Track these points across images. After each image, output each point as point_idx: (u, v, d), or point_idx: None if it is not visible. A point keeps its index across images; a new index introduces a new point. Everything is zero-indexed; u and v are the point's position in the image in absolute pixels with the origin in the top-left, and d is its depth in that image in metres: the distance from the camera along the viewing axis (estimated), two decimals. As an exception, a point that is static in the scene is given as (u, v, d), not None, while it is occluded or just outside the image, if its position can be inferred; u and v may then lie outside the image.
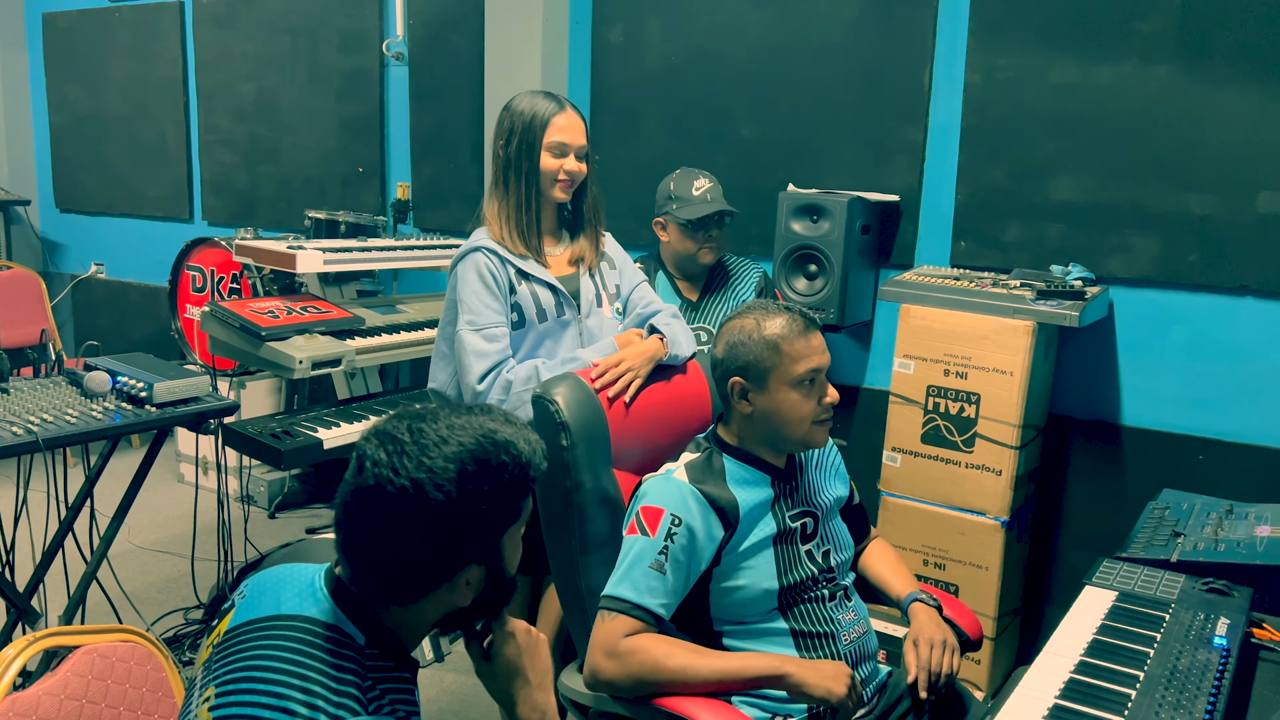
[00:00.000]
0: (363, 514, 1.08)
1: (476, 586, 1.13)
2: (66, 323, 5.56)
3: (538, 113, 2.12)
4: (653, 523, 1.65)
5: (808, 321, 1.73)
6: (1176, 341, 2.84)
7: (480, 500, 1.07)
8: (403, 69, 4.25)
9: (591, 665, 1.63)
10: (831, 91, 3.28)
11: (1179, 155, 2.76)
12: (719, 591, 1.70)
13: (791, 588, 1.71)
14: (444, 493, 1.05)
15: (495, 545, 1.12)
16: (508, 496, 1.10)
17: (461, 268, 2.10)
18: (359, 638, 1.10)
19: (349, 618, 1.11)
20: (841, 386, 3.35)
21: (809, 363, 1.69)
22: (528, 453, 1.11)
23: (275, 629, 1.09)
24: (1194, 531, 2.05)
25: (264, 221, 4.67)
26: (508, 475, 1.09)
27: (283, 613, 1.11)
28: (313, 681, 1.04)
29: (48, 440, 2.18)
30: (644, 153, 3.66)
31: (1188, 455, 2.83)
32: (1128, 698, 1.41)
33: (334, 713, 1.03)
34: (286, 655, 1.06)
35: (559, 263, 2.19)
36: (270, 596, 1.14)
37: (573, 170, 2.14)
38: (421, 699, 2.96)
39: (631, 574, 1.63)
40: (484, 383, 2.01)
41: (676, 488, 1.69)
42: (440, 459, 1.05)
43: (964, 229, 3.10)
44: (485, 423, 1.10)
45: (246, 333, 2.75)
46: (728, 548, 1.69)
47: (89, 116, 5.34)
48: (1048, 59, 2.91)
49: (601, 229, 2.27)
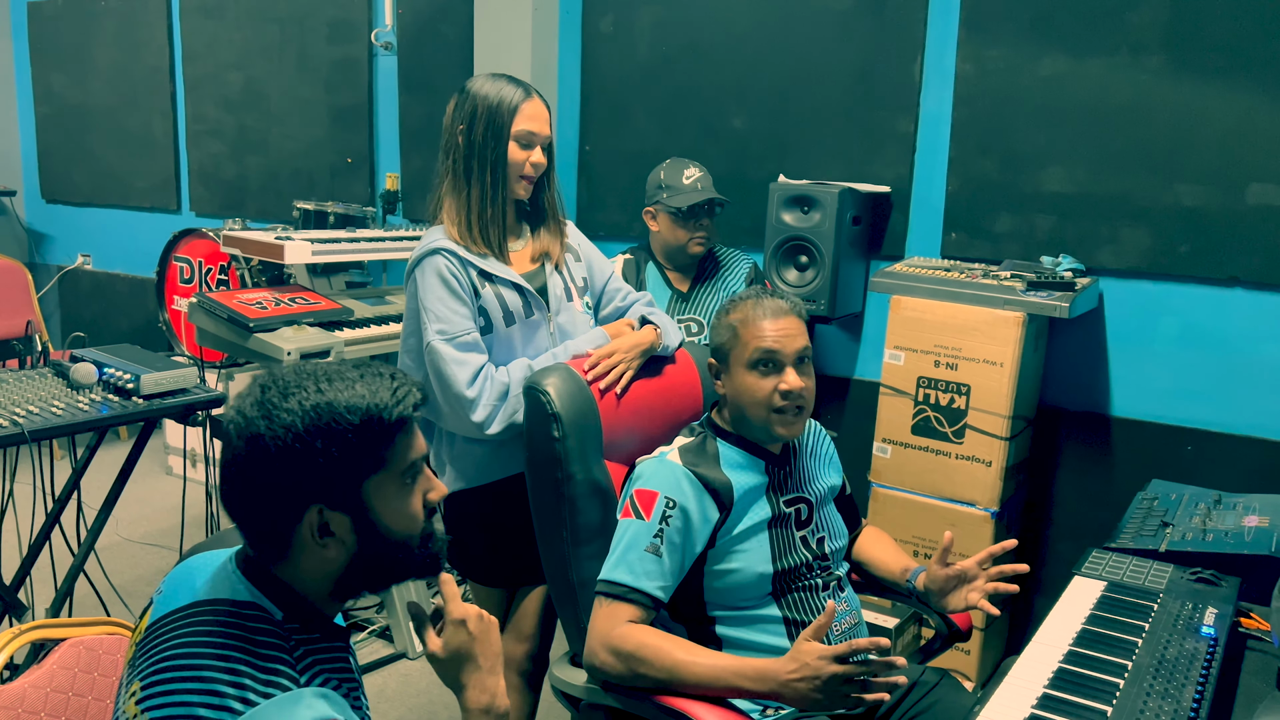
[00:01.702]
0: (225, 460, 1.12)
1: (348, 542, 1.12)
2: (53, 314, 5.52)
3: (504, 98, 1.95)
4: (647, 506, 1.65)
5: (781, 307, 1.73)
6: (1166, 333, 2.85)
7: (314, 448, 1.08)
8: (391, 59, 4.23)
9: (589, 654, 1.63)
10: (822, 82, 3.27)
11: (1169, 146, 2.77)
12: (713, 575, 1.70)
13: (786, 573, 1.71)
14: (278, 440, 1.07)
15: (355, 493, 1.11)
16: (354, 446, 1.09)
17: (420, 273, 1.93)
18: (276, 613, 1.10)
19: (263, 593, 1.11)
20: (832, 378, 3.36)
21: (761, 343, 1.70)
22: (375, 404, 1.10)
23: (193, 617, 1.09)
24: (1182, 522, 2.05)
25: (252, 212, 4.65)
26: (351, 428, 1.09)
27: (199, 599, 1.11)
28: (238, 662, 1.04)
29: (34, 432, 2.17)
30: (634, 143, 3.64)
31: (1177, 446, 2.84)
32: (1116, 687, 1.41)
33: (264, 690, 1.03)
34: (207, 640, 1.06)
35: (521, 259, 2.05)
36: (186, 586, 1.14)
37: (538, 163, 1.99)
38: (412, 691, 2.95)
39: (627, 558, 1.63)
40: (473, 389, 1.88)
41: (670, 470, 1.69)
42: (283, 412, 1.08)
43: (954, 220, 3.10)
44: (329, 388, 1.10)
45: (234, 324, 2.73)
46: (723, 530, 1.68)
47: (75, 106, 5.30)
48: (1039, 50, 2.91)
49: (564, 220, 2.13)
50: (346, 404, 1.09)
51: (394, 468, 1.13)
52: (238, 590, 1.11)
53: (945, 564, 1.74)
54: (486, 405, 1.89)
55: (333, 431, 1.08)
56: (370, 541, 1.13)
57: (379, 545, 1.13)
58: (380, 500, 1.12)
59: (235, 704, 1.01)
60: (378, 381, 1.12)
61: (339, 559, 1.12)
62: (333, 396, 1.09)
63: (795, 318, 1.74)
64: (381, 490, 1.12)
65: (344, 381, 1.11)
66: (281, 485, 1.08)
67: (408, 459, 1.14)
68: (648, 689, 1.58)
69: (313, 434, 1.07)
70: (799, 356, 1.72)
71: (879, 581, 1.93)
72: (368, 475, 1.11)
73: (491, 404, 1.90)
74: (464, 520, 2.08)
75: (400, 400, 1.12)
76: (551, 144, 2.05)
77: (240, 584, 1.12)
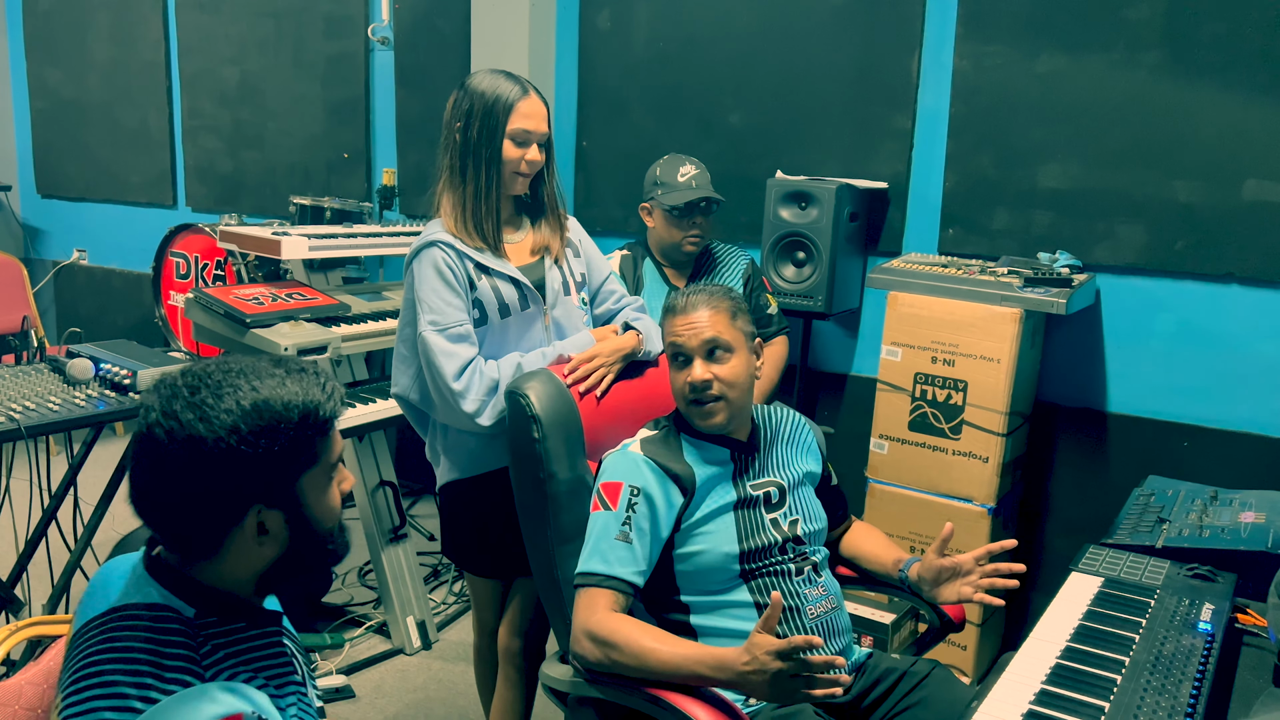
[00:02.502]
0: (146, 465, 1.10)
1: (281, 537, 1.13)
2: (48, 309, 5.51)
3: (500, 96, 1.96)
4: (613, 496, 1.70)
5: (692, 301, 1.75)
6: (1162, 329, 2.85)
7: (258, 448, 1.08)
8: (388, 54, 4.22)
9: (573, 642, 1.66)
10: (820, 78, 3.27)
11: (1166, 143, 2.77)
12: (681, 559, 1.72)
13: (753, 553, 1.72)
14: (220, 443, 1.06)
15: (290, 489, 1.12)
16: (293, 443, 1.10)
17: (418, 265, 1.95)
18: (187, 610, 1.10)
19: (173, 593, 1.11)
20: (829, 374, 3.36)
21: (670, 338, 1.77)
22: (310, 401, 1.11)
23: (104, 626, 1.09)
24: (1179, 518, 2.06)
25: (248, 207, 4.64)
26: (285, 427, 1.09)
27: (112, 606, 1.11)
28: (142, 664, 1.04)
29: (30, 428, 2.16)
30: (631, 140, 3.64)
31: (1173, 442, 2.85)
32: (1113, 683, 1.42)
33: (165, 689, 1.03)
34: (115, 646, 1.06)
35: (519, 252, 2.07)
36: (101, 595, 1.14)
37: (534, 161, 2.00)
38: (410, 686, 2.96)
39: (600, 548, 1.67)
40: (460, 381, 1.89)
41: (632, 460, 1.73)
42: (222, 413, 1.07)
43: (952, 216, 3.10)
44: (262, 385, 1.10)
45: (231, 320, 2.72)
46: (686, 514, 1.72)
47: (70, 101, 5.28)
48: (1036, 46, 2.91)
49: (564, 215, 2.14)
50: (285, 401, 1.10)
51: (324, 462, 1.15)
52: (148, 594, 1.11)
53: (942, 555, 1.74)
54: (475, 398, 1.91)
55: (274, 430, 1.08)
56: (301, 535, 1.14)
57: (308, 539, 1.15)
58: (312, 495, 1.14)
59: (138, 704, 1.02)
60: (307, 378, 1.14)
61: (270, 555, 1.14)
62: (269, 394, 1.09)
63: (707, 310, 1.74)
64: (313, 485, 1.14)
65: (274, 379, 1.11)
66: (222, 487, 1.08)
67: (335, 454, 1.17)
68: (625, 677, 1.59)
69: (256, 433, 1.07)
70: (708, 349, 1.73)
71: (871, 575, 1.94)
72: (303, 471, 1.13)
73: (480, 397, 1.91)
74: (458, 510, 2.11)
75: (330, 396, 1.15)
76: (549, 141, 2.05)
77: (150, 586, 1.12)
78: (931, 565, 1.75)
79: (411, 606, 3.10)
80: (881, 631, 2.72)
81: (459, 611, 3.34)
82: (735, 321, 1.76)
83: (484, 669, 2.30)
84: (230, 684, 1.06)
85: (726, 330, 1.74)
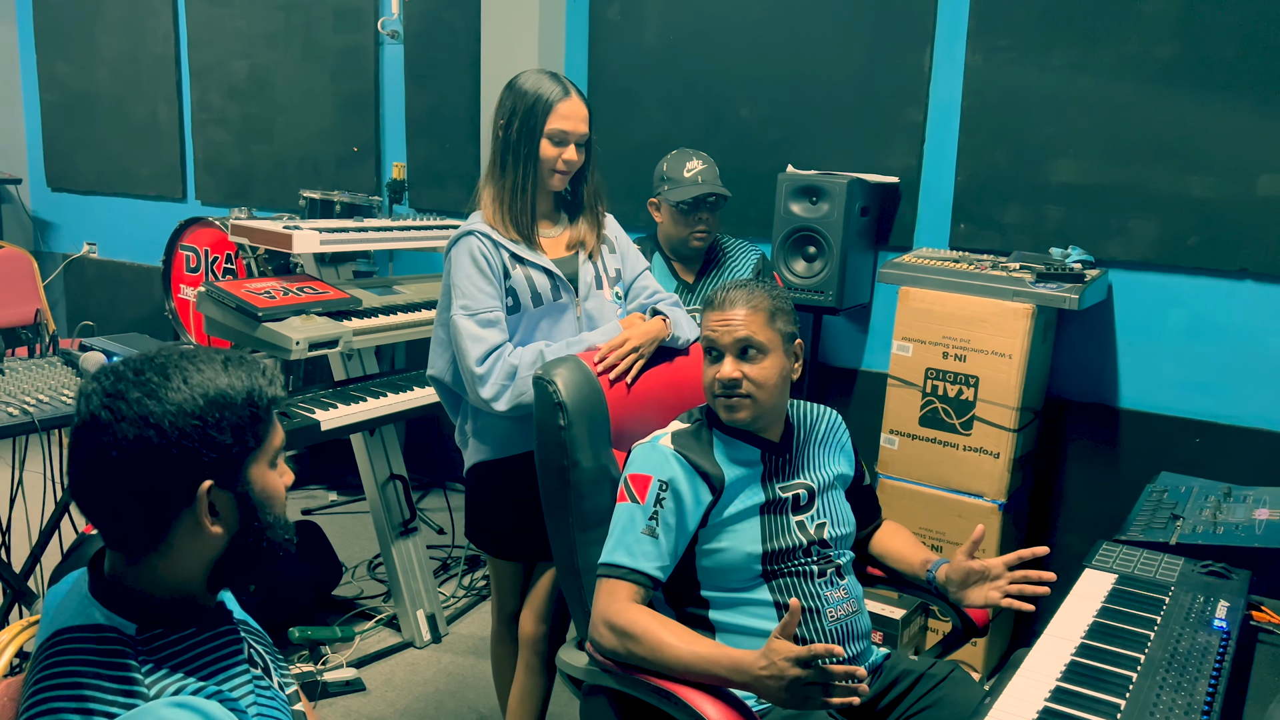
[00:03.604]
0: (89, 450, 1.09)
1: (230, 521, 1.13)
2: (58, 302, 5.53)
3: (541, 96, 2.04)
4: (641, 489, 1.70)
5: (732, 299, 1.75)
6: (1175, 324, 2.84)
7: (207, 424, 1.09)
8: (398, 47, 4.22)
9: (592, 629, 1.67)
10: (831, 72, 3.26)
11: (1179, 137, 2.76)
12: (703, 554, 1.72)
13: (776, 554, 1.72)
14: (170, 419, 1.07)
15: (238, 471, 1.12)
16: (240, 424, 1.11)
17: (455, 253, 2.04)
18: (129, 628, 1.10)
19: (115, 612, 1.11)
20: (839, 369, 3.36)
21: (705, 332, 1.78)
22: (252, 385, 1.13)
23: (50, 650, 1.08)
24: (1193, 514, 2.05)
25: (258, 201, 4.64)
26: (231, 408, 1.10)
27: (55, 629, 1.11)
28: (85, 688, 1.04)
29: (44, 421, 2.17)
30: (641, 133, 3.63)
31: (1186, 438, 2.84)
32: (1129, 680, 1.41)
33: (108, 711, 1.03)
34: (58, 672, 1.06)
35: (556, 245, 2.14)
36: (49, 616, 1.15)
37: (570, 160, 2.07)
38: (419, 680, 2.96)
39: (625, 540, 1.68)
40: (483, 366, 1.97)
41: (662, 454, 1.73)
42: (173, 391, 1.08)
43: (963, 211, 3.09)
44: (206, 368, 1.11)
45: (243, 313, 2.73)
46: (714, 511, 1.72)
47: (80, 94, 5.29)
48: (1049, 40, 2.89)
49: (603, 212, 2.22)
50: (229, 384, 1.11)
51: (267, 447, 1.16)
52: (90, 615, 1.11)
53: (972, 557, 1.74)
54: (495, 384, 1.97)
55: (223, 409, 1.10)
56: (248, 522, 1.14)
57: (254, 526, 1.15)
58: (257, 478, 1.15)
59: None
60: (245, 365, 1.15)
61: (219, 543, 1.13)
62: (213, 376, 1.11)
63: (745, 309, 1.74)
64: (258, 470, 1.15)
65: (215, 363, 1.13)
66: (175, 466, 1.08)
67: (276, 440, 1.18)
68: (641, 669, 1.60)
69: (205, 411, 1.08)
70: (740, 347, 1.73)
71: (898, 575, 1.93)
72: (249, 454, 1.13)
73: (500, 383, 1.97)
74: (483, 492, 2.14)
75: (271, 381, 1.16)
76: (589, 141, 2.11)
77: (91, 607, 1.11)
78: (960, 567, 1.74)
79: (421, 600, 3.11)
80: (892, 628, 2.72)
81: (468, 605, 3.34)
82: (774, 322, 1.75)
83: (501, 654, 2.31)
84: (177, 699, 1.06)
85: (762, 331, 1.74)
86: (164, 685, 1.07)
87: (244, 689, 1.15)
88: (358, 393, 2.86)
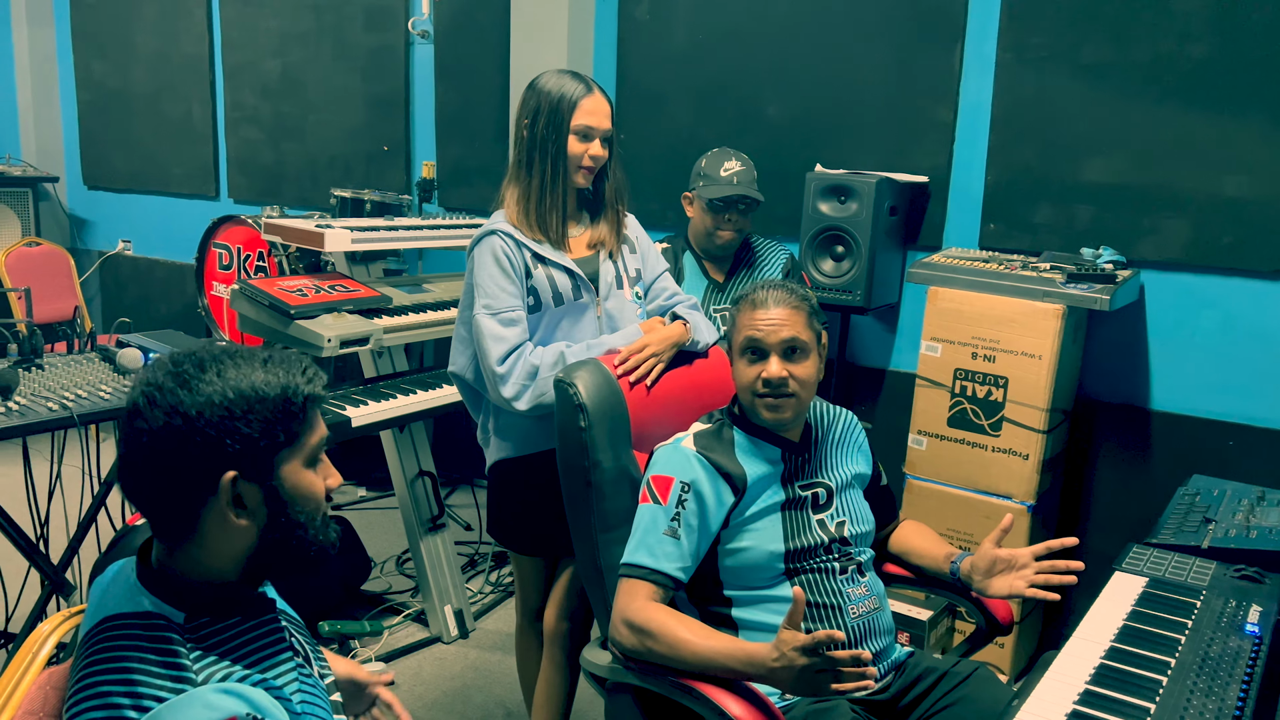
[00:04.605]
0: (129, 437, 1.13)
1: (259, 515, 1.15)
2: (94, 299, 5.61)
3: (565, 94, 2.06)
4: (663, 491, 1.71)
5: (776, 298, 1.75)
6: (1208, 325, 2.81)
7: (235, 417, 1.11)
8: (428, 47, 4.24)
9: (612, 628, 1.68)
10: (860, 70, 3.25)
11: (1213, 136, 2.72)
12: (725, 553, 1.73)
13: (798, 553, 1.73)
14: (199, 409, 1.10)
15: (267, 465, 1.14)
16: (271, 419, 1.13)
17: (478, 252, 2.06)
18: (177, 616, 1.12)
19: (164, 600, 1.13)
20: (867, 369, 3.35)
21: (748, 332, 1.76)
22: (289, 383, 1.15)
23: (99, 636, 1.11)
24: (1225, 518, 2.03)
25: (289, 199, 4.69)
26: (263, 403, 1.13)
27: (105, 615, 1.13)
28: (134, 673, 1.06)
29: (82, 416, 2.21)
30: (669, 133, 3.64)
31: (1218, 441, 2.81)
32: (1159, 684, 1.41)
33: (157, 695, 1.05)
34: (107, 657, 1.08)
35: (577, 245, 2.15)
36: (96, 602, 1.17)
37: (597, 155, 2.09)
38: (447, 674, 2.98)
39: (647, 541, 1.69)
40: (504, 365, 1.98)
41: (684, 456, 1.74)
42: (204, 383, 1.11)
43: (993, 210, 3.07)
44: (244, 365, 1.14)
45: (275, 311, 2.76)
46: (736, 512, 1.73)
47: (116, 93, 5.37)
48: (1081, 37, 2.87)
49: (624, 212, 2.22)
50: (264, 380, 1.14)
51: (302, 446, 1.17)
52: (139, 602, 1.13)
53: (999, 546, 1.73)
54: (515, 383, 1.99)
55: (252, 403, 1.12)
56: (277, 517, 1.16)
57: (286, 520, 1.17)
58: (289, 474, 1.16)
59: (131, 713, 1.04)
60: (287, 363, 1.17)
61: (250, 535, 1.15)
62: (249, 372, 1.13)
63: (788, 309, 1.75)
64: (291, 465, 1.16)
65: (255, 360, 1.16)
66: (198, 453, 1.11)
67: (314, 439, 1.19)
68: (660, 665, 1.61)
69: (233, 403, 1.11)
70: (786, 347, 1.73)
71: (921, 571, 1.93)
72: (280, 450, 1.15)
73: (521, 382, 1.99)
74: (506, 489, 2.16)
75: (310, 380, 1.17)
76: (612, 137, 2.12)
77: (140, 594, 1.14)
78: (987, 554, 1.74)
79: (449, 595, 3.13)
80: (919, 629, 2.71)
81: (495, 601, 3.37)
82: (811, 323, 1.77)
83: (526, 650, 2.33)
84: (224, 685, 1.08)
85: (804, 331, 1.75)
86: (211, 671, 1.09)
87: (289, 676, 1.18)
88: (388, 390, 2.88)
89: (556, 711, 2.24)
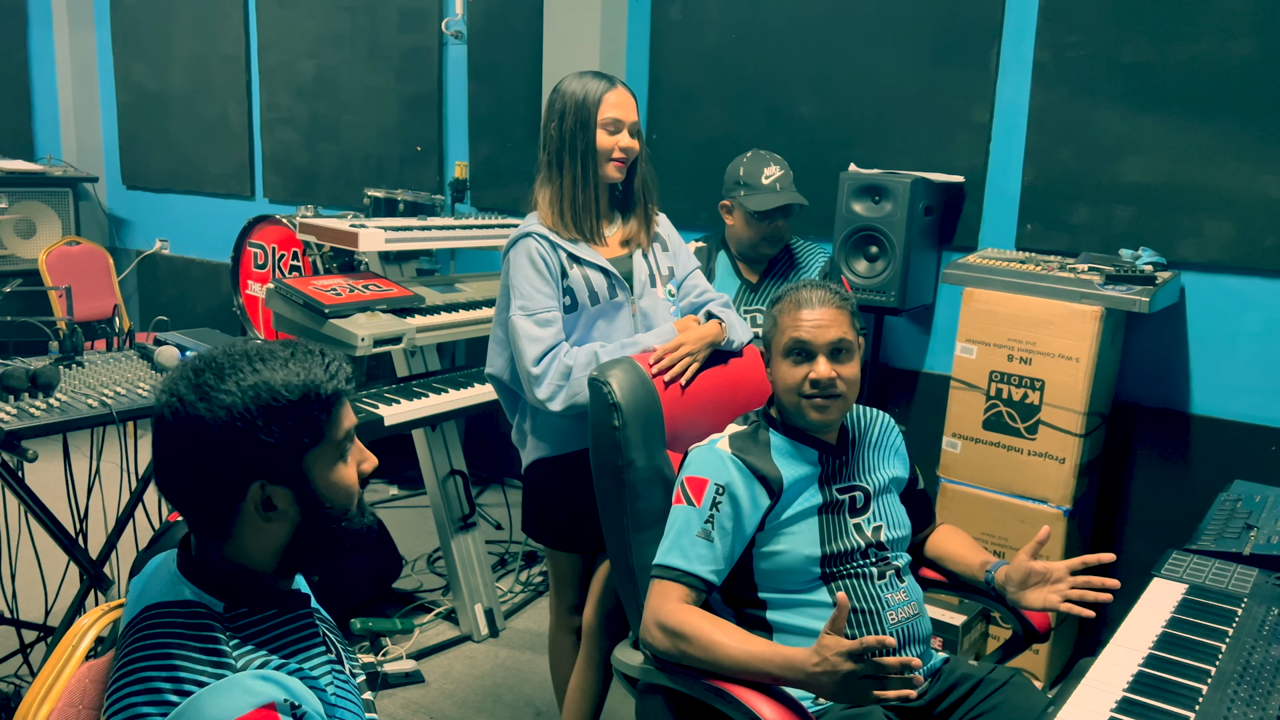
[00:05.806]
0: (160, 444, 1.14)
1: (291, 514, 1.16)
2: (132, 297, 5.69)
3: (589, 91, 2.08)
4: (698, 492, 1.70)
5: (820, 298, 1.74)
6: (1251, 329, 2.76)
7: (257, 425, 1.11)
8: (461, 47, 4.27)
9: (643, 629, 1.68)
10: (895, 70, 3.22)
11: (1256, 135, 2.68)
12: (761, 556, 1.72)
13: (835, 557, 1.71)
14: (219, 422, 1.10)
15: (295, 466, 1.14)
16: (294, 421, 1.13)
17: (513, 254, 2.07)
18: (217, 605, 1.14)
19: (204, 590, 1.15)
20: (901, 370, 3.32)
21: (793, 333, 1.74)
22: (310, 380, 1.14)
23: (141, 624, 1.13)
24: (1267, 524, 1.99)
25: (323, 199, 4.73)
26: (285, 406, 1.12)
27: (147, 604, 1.15)
28: (175, 659, 1.08)
29: (121, 413, 2.24)
30: (702, 132, 3.63)
31: (1260, 446, 2.76)
32: (1199, 692, 1.38)
33: (198, 679, 1.07)
34: (149, 643, 1.10)
35: (612, 243, 2.16)
36: (137, 594, 1.19)
37: (627, 146, 2.10)
38: (477, 673, 2.99)
39: (680, 543, 1.68)
40: (539, 366, 2.00)
41: (719, 457, 1.73)
42: (222, 393, 1.11)
43: (1030, 211, 3.04)
44: (264, 367, 1.14)
45: (310, 310, 2.78)
46: (771, 515, 1.71)
47: (155, 95, 5.45)
48: (1120, 36, 2.83)
49: (654, 208, 2.23)
50: (284, 382, 1.13)
51: (330, 440, 1.17)
52: (180, 592, 1.15)
53: (1035, 558, 1.71)
54: (550, 384, 2.00)
55: (273, 409, 1.12)
56: (312, 512, 1.17)
57: (320, 516, 1.17)
58: (319, 472, 1.17)
59: (173, 698, 1.06)
60: (310, 359, 1.17)
61: (283, 532, 1.17)
62: (269, 375, 1.13)
63: (834, 309, 1.74)
64: (320, 462, 1.17)
65: (276, 360, 1.15)
66: (224, 464, 1.12)
67: (342, 430, 1.19)
68: (694, 668, 1.60)
69: (253, 412, 1.11)
70: (833, 347, 1.72)
71: (956, 577, 1.91)
72: (307, 449, 1.15)
73: (555, 383, 2.00)
74: (542, 488, 2.17)
75: (333, 375, 1.17)
76: (639, 129, 2.13)
77: (180, 584, 1.16)
78: (1022, 567, 1.71)
79: (480, 594, 3.15)
80: (952, 634, 2.69)
81: (525, 600, 3.38)
82: (853, 323, 1.76)
83: (560, 647, 2.33)
84: (262, 672, 1.10)
85: (849, 332, 1.74)
86: (250, 659, 1.11)
87: (322, 669, 1.19)
88: (420, 389, 2.90)
89: (588, 709, 2.24)
